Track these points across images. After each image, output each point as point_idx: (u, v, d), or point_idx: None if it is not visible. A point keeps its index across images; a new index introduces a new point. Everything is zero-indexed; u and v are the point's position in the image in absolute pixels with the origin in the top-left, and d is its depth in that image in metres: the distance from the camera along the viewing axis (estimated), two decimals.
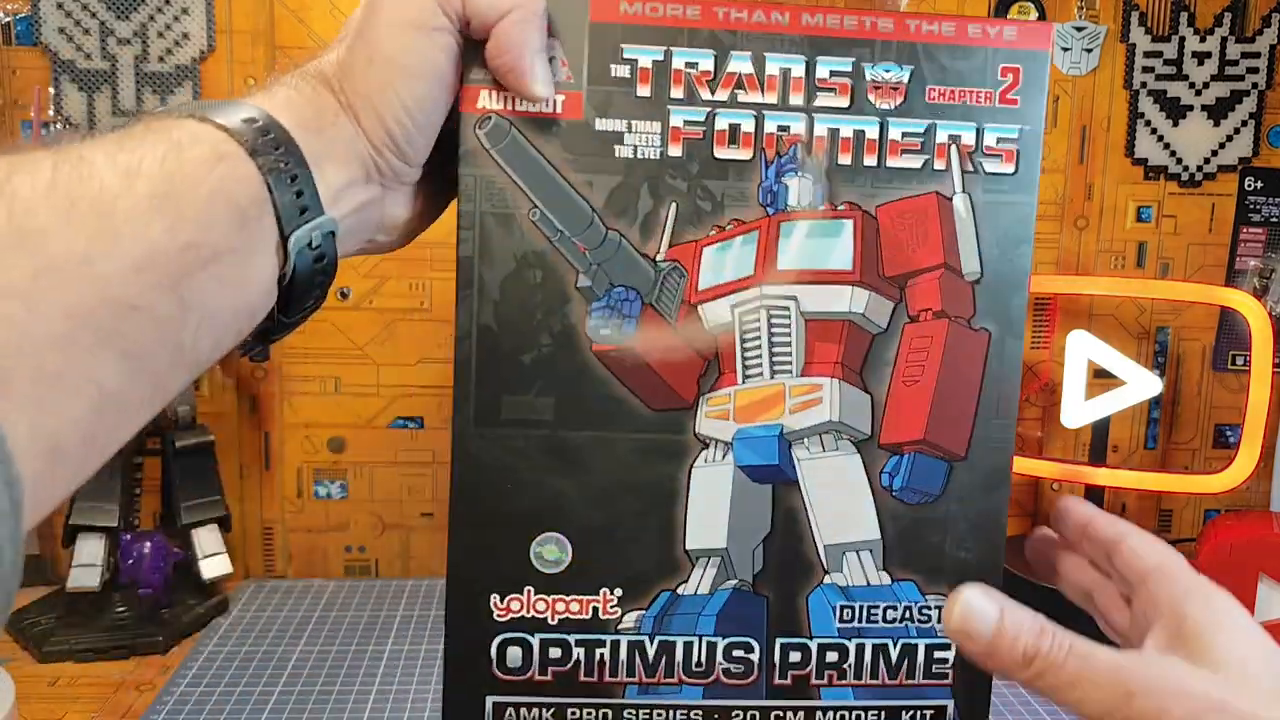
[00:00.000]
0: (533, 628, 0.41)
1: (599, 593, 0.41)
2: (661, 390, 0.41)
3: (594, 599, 0.41)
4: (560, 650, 0.41)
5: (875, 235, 0.41)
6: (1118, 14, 1.03)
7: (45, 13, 0.93)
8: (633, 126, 0.40)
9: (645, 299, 0.41)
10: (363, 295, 1.00)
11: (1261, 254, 1.06)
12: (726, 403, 0.41)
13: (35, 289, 0.27)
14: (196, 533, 0.91)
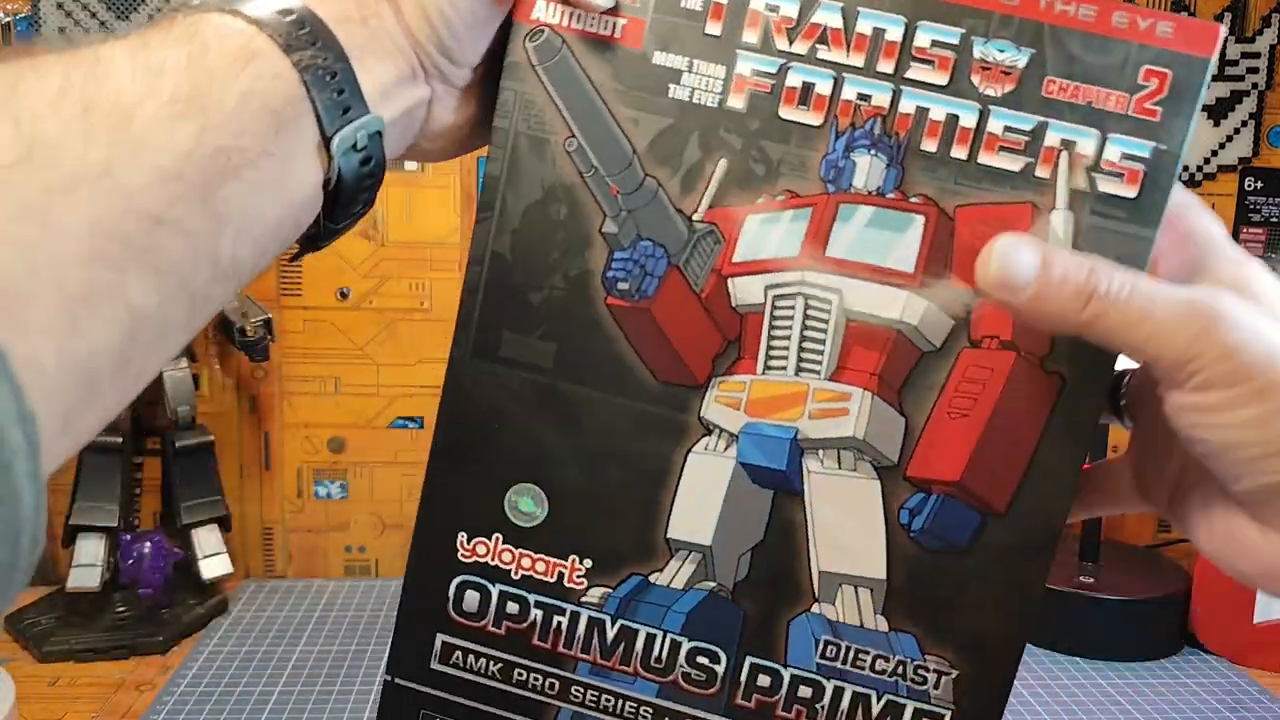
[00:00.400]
0: (494, 576, 0.38)
1: (568, 558, 0.38)
2: (671, 362, 0.37)
3: (561, 564, 0.38)
4: (518, 606, 0.38)
5: (948, 239, 0.36)
6: None
7: (45, 13, 0.93)
8: (694, 66, 0.36)
9: (672, 259, 0.37)
10: (363, 295, 1.00)
11: (1261, 254, 1.06)
12: (740, 391, 0.37)
13: (50, 206, 0.25)
14: (196, 533, 0.91)
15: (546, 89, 0.37)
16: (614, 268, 0.37)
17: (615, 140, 0.37)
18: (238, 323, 0.92)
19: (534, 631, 0.39)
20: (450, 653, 0.39)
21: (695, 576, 0.38)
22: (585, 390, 0.37)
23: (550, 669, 0.39)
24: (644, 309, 0.37)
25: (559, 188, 0.37)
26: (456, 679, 0.39)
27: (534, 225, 0.37)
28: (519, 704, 0.39)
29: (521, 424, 0.38)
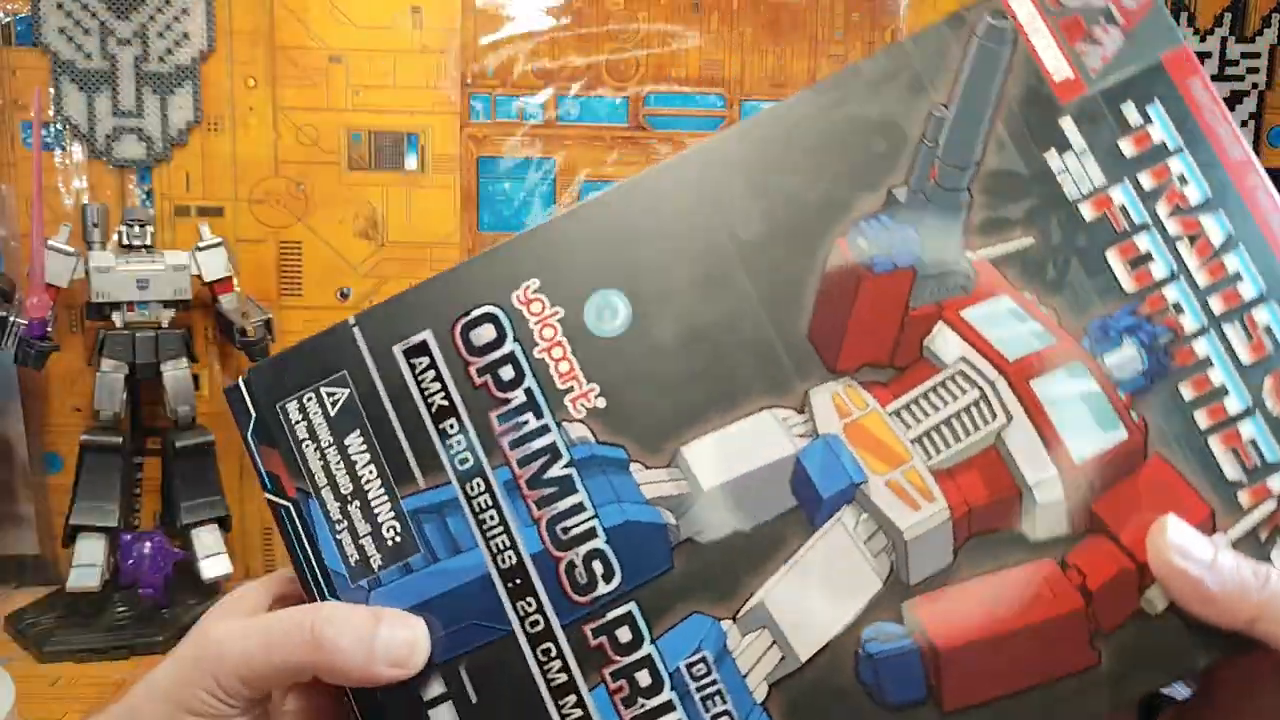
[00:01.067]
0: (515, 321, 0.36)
1: (589, 384, 0.35)
2: (833, 332, 0.35)
3: (582, 384, 0.35)
4: (512, 371, 0.36)
5: (1130, 471, 0.33)
6: None
7: (45, 13, 0.93)
8: (1084, 156, 0.35)
9: (918, 261, 0.35)
10: (362, 295, 1.00)
11: None
12: (859, 408, 0.35)
13: None
14: (196, 533, 0.91)
15: (963, 57, 0.35)
16: (870, 225, 0.35)
17: (975, 142, 0.35)
18: (238, 323, 0.92)
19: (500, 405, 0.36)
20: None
21: (665, 501, 0.35)
22: (746, 280, 0.35)
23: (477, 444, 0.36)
24: (860, 274, 0.35)
25: (895, 126, 0.35)
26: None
27: (847, 135, 0.36)
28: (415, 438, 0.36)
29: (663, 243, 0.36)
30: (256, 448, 0.37)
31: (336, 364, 0.36)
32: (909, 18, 1.01)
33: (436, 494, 0.35)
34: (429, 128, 0.99)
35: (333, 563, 0.36)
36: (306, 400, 0.36)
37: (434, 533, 0.35)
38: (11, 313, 0.86)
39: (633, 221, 0.36)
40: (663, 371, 0.35)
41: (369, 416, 0.36)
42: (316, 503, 0.36)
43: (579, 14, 0.99)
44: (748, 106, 1.01)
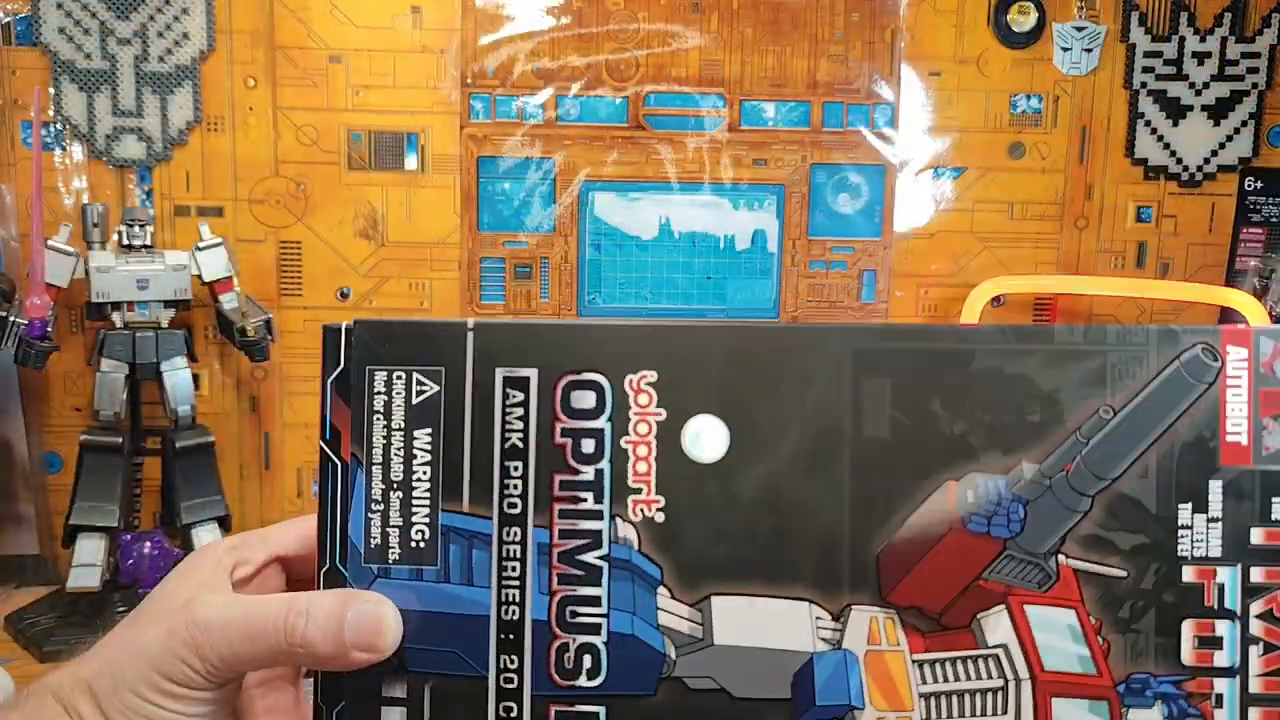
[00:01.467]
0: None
1: (650, 496, 0.35)
2: (898, 566, 0.35)
3: (644, 499, 0.35)
4: (593, 447, 0.36)
5: None
6: (1118, 14, 1.03)
7: (45, 13, 0.93)
8: (1205, 526, 0.34)
9: (1011, 541, 0.34)
10: (362, 295, 1.00)
11: (1261, 254, 1.06)
12: (889, 643, 0.35)
13: None
14: (196, 533, 0.91)
15: (1156, 373, 0.34)
16: (985, 484, 0.34)
17: (1124, 459, 0.34)
18: (238, 323, 0.92)
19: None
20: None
21: (674, 634, 0.35)
22: (847, 475, 0.35)
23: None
24: (952, 524, 0.34)
25: (1058, 408, 0.34)
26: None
27: (1014, 385, 0.35)
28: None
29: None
30: (330, 397, 0.37)
31: (439, 357, 0.36)
32: (909, 17, 1.01)
33: (474, 522, 0.36)
34: (429, 128, 0.99)
35: (355, 535, 0.36)
36: (396, 377, 0.36)
37: (456, 555, 0.36)
38: (11, 313, 0.86)
39: (770, 366, 0.35)
40: (729, 519, 0.35)
41: (446, 420, 0.36)
42: (364, 475, 0.36)
43: (579, 14, 0.99)
44: (748, 106, 1.01)
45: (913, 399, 0.34)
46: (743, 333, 0.35)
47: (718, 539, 0.35)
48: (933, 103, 1.03)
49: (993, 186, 1.04)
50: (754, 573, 0.35)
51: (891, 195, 1.04)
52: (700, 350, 0.35)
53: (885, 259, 1.05)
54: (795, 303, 1.04)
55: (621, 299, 1.03)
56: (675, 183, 1.02)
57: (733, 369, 0.35)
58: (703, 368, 0.35)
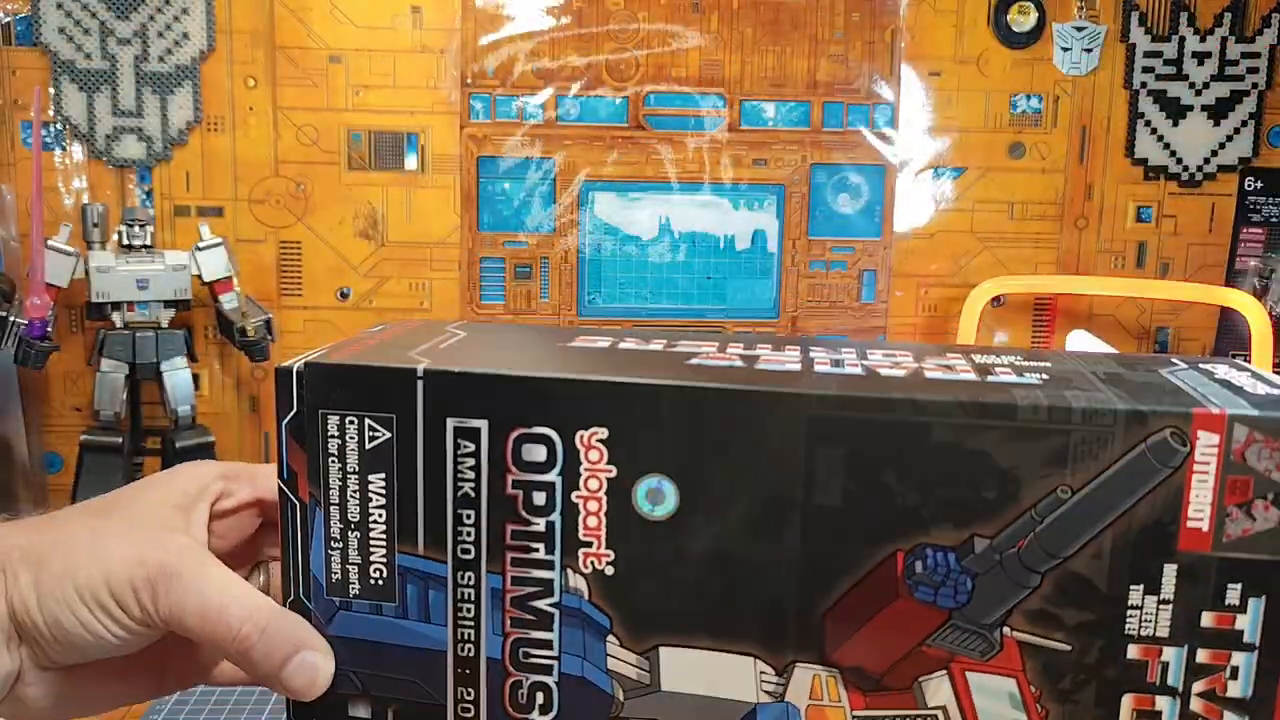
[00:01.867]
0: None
1: (601, 551, 0.35)
2: (844, 628, 0.35)
3: (595, 556, 0.35)
4: (544, 500, 0.36)
5: None
6: (1118, 14, 1.03)
7: (45, 13, 0.93)
8: (1155, 608, 0.34)
9: (956, 611, 0.34)
10: (362, 295, 1.00)
11: (1261, 254, 1.06)
12: (830, 699, 0.35)
13: None
14: None
15: (1119, 455, 0.33)
16: (934, 556, 0.34)
17: (1077, 540, 0.33)
18: (238, 323, 0.92)
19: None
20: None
21: (622, 680, 0.36)
22: (797, 540, 0.35)
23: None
24: (898, 592, 0.34)
25: (1016, 485, 0.33)
26: None
27: (971, 460, 0.34)
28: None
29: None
30: (286, 438, 0.38)
31: (390, 404, 0.36)
32: (909, 17, 1.01)
33: (429, 565, 0.36)
34: (429, 128, 0.99)
35: (317, 570, 0.37)
36: (349, 423, 0.37)
37: (414, 594, 0.36)
38: (11, 313, 0.86)
39: (723, 428, 0.35)
40: (679, 577, 0.35)
41: (399, 467, 0.36)
42: (322, 515, 0.37)
43: (579, 14, 0.99)
44: (748, 106, 1.01)
45: (866, 469, 0.34)
46: (696, 394, 0.35)
47: (667, 594, 0.35)
48: (933, 103, 1.03)
49: (993, 186, 1.04)
50: (701, 628, 0.35)
51: (891, 195, 1.04)
52: (652, 409, 0.35)
53: (885, 259, 1.05)
54: (795, 303, 1.04)
55: (621, 299, 1.03)
56: (675, 183, 1.02)
57: (685, 429, 0.34)
58: (655, 427, 0.35)
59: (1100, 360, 0.39)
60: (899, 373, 0.36)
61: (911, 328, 1.07)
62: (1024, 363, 0.38)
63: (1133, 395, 0.34)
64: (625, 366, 0.37)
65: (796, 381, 0.35)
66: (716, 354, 0.38)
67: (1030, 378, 0.36)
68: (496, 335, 0.42)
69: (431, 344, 0.38)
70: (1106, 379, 0.36)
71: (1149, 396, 0.34)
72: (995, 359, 0.39)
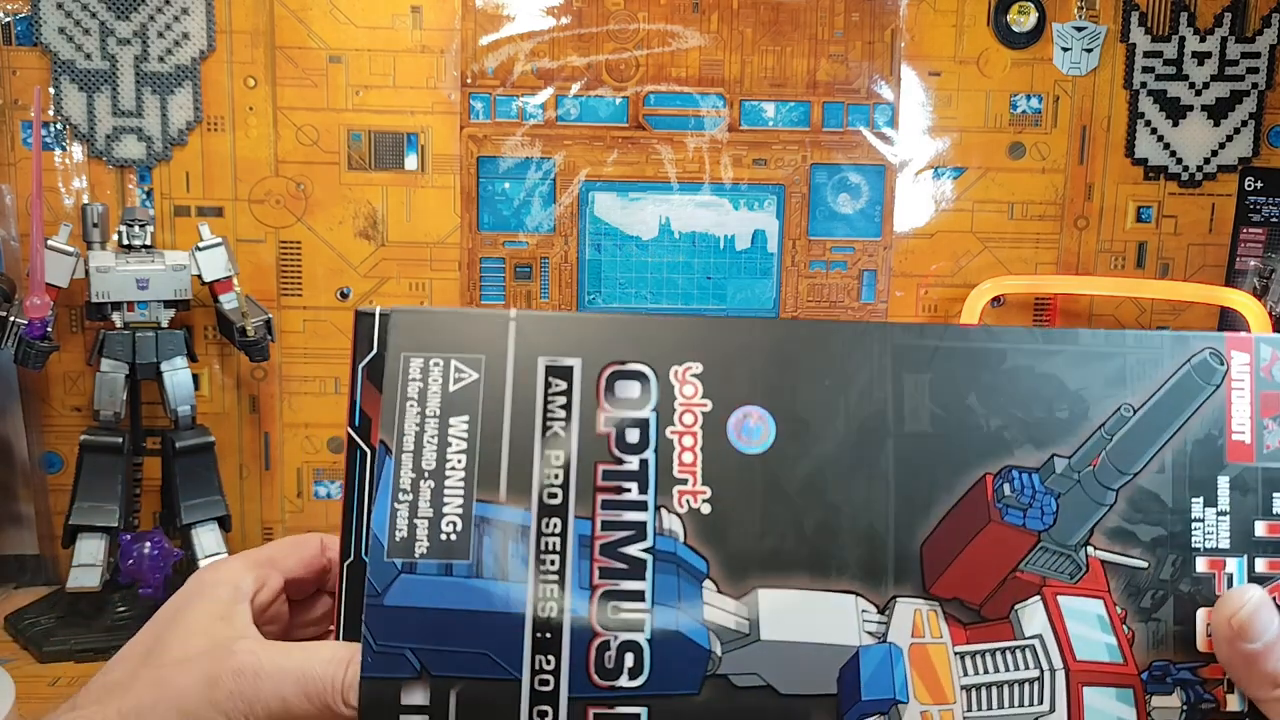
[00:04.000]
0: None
1: (698, 487, 0.35)
2: (942, 555, 0.35)
3: (691, 493, 0.35)
4: (638, 436, 0.35)
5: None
6: (1118, 14, 1.03)
7: (45, 13, 0.93)
8: (1215, 520, 0.36)
9: (1043, 533, 0.35)
10: (363, 295, 1.00)
11: (1261, 254, 1.06)
12: (932, 635, 0.35)
13: None
14: (196, 533, 0.91)
15: (1170, 374, 0.36)
16: (1019, 477, 0.36)
17: (1143, 455, 0.36)
18: (238, 323, 0.92)
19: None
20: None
21: (720, 630, 0.34)
22: (891, 468, 0.35)
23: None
24: (990, 516, 0.35)
25: (1084, 404, 0.36)
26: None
27: (1043, 383, 0.36)
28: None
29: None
30: (361, 382, 0.36)
31: (479, 345, 0.35)
32: (909, 17, 1.01)
33: (511, 513, 0.34)
34: (429, 128, 0.99)
35: (378, 527, 0.35)
36: (434, 364, 0.35)
37: (490, 548, 0.34)
38: (11, 313, 0.86)
39: (814, 359, 0.35)
40: (777, 512, 0.35)
41: (484, 409, 0.35)
42: (393, 463, 0.35)
43: (579, 14, 0.99)
44: (748, 106, 1.01)
45: (950, 394, 0.35)
46: (786, 327, 0.36)
47: (764, 531, 0.35)
48: (933, 103, 1.03)
49: (993, 186, 1.04)
50: (800, 566, 0.35)
51: (891, 195, 1.04)
52: (744, 343, 0.35)
53: (885, 259, 1.05)
54: (795, 303, 1.04)
55: (622, 299, 1.03)
56: (675, 183, 1.02)
57: (777, 361, 0.35)
58: (748, 360, 0.35)
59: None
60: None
61: None
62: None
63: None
64: (713, 317, 0.38)
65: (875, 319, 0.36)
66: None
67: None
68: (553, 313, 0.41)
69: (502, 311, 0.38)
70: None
71: (1190, 330, 0.37)
72: None
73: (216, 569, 0.38)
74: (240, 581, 0.37)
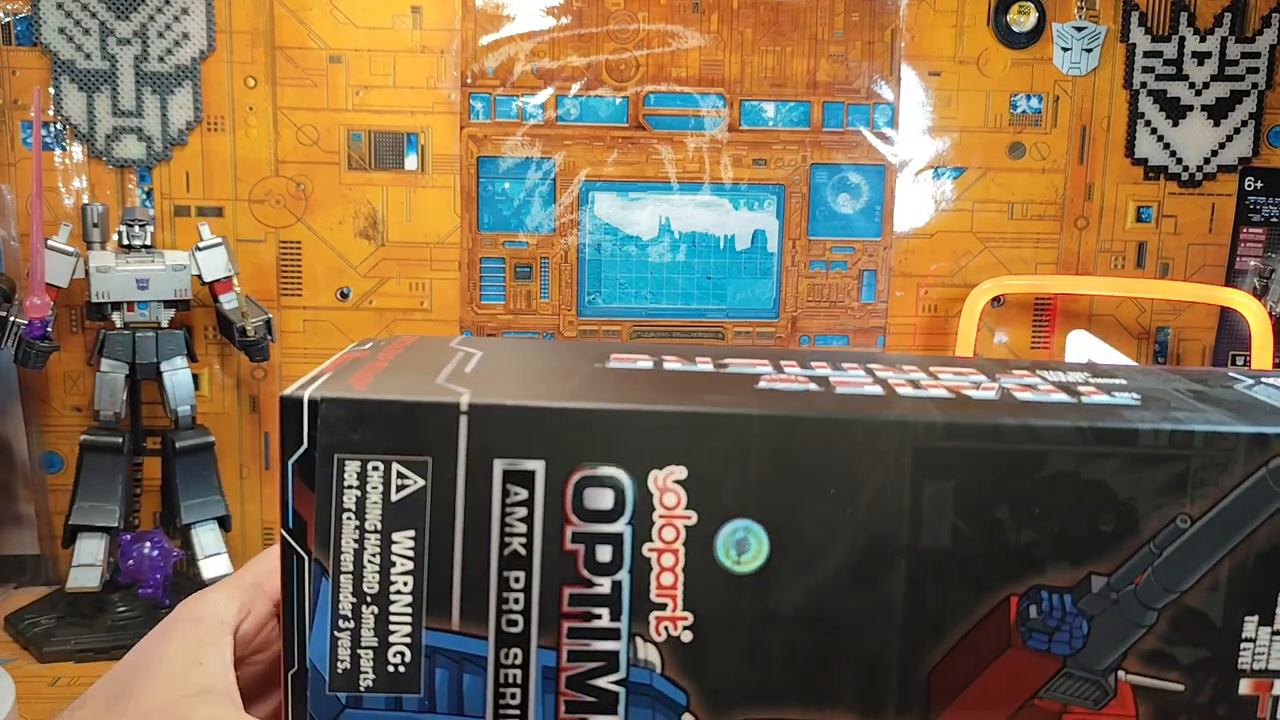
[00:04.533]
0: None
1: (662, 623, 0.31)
2: (953, 685, 0.32)
3: (670, 620, 0.31)
4: (610, 556, 0.31)
5: None
6: (1118, 14, 1.03)
7: (45, 13, 0.93)
8: (1269, 639, 0.32)
9: (1071, 655, 0.31)
10: (362, 295, 1.00)
11: (1261, 254, 1.06)
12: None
13: None
14: (196, 532, 0.91)
15: (1240, 480, 0.31)
16: (1048, 599, 0.31)
17: (1195, 572, 0.31)
18: (238, 323, 0.92)
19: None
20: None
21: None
22: (900, 588, 0.31)
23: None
24: (1011, 640, 0.31)
25: (1134, 517, 0.31)
26: None
27: (1087, 490, 0.31)
28: None
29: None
30: (292, 480, 0.31)
31: (425, 445, 0.30)
32: (909, 17, 1.01)
33: (465, 642, 0.30)
34: (429, 128, 0.99)
35: (317, 657, 0.31)
36: (372, 469, 0.30)
37: (443, 681, 0.31)
38: (11, 313, 0.86)
39: (818, 463, 0.31)
40: (767, 638, 0.31)
41: (432, 521, 0.30)
42: (331, 585, 0.31)
43: (579, 14, 0.99)
44: (748, 106, 1.01)
45: (977, 505, 0.31)
46: (787, 424, 0.31)
47: (752, 660, 0.31)
48: (933, 103, 1.03)
49: (993, 186, 1.04)
50: (791, 696, 0.31)
51: (891, 195, 1.04)
52: (737, 442, 0.30)
53: (885, 259, 1.05)
54: (795, 303, 1.04)
55: (622, 299, 1.03)
56: (675, 183, 1.02)
57: (775, 465, 0.30)
58: (740, 463, 0.30)
59: (1170, 378, 0.36)
60: (988, 394, 0.33)
61: (912, 328, 1.07)
62: (1101, 380, 0.35)
63: (1243, 416, 0.32)
64: (695, 393, 0.32)
65: (891, 408, 0.31)
66: (780, 375, 0.34)
67: (1124, 397, 0.33)
68: (516, 354, 0.36)
69: (454, 366, 0.33)
70: (1198, 397, 0.34)
71: (1262, 417, 0.31)
72: (1066, 376, 0.35)
73: (199, 601, 0.35)
74: (223, 614, 0.34)
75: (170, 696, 0.31)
